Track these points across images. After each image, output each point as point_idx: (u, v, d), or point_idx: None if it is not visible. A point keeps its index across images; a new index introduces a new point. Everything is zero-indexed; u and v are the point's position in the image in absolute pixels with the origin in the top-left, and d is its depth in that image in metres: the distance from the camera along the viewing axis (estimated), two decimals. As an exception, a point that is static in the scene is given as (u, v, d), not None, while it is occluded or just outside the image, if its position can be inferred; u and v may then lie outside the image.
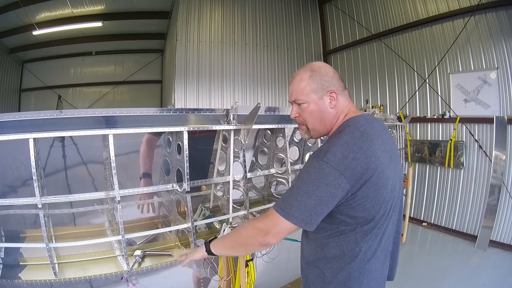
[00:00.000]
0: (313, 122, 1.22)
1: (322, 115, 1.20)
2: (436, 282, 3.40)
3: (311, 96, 1.18)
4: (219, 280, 2.06)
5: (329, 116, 1.20)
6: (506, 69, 4.29)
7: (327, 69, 1.21)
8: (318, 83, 1.17)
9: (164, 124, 1.93)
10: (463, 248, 4.41)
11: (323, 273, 1.17)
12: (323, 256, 1.17)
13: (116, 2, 7.85)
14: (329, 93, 1.18)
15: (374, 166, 1.06)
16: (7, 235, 1.99)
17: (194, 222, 2.01)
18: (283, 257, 2.45)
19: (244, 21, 7.01)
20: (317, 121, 1.21)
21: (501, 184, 4.27)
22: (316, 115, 1.20)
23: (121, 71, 10.65)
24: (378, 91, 6.33)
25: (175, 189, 2.17)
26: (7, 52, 9.17)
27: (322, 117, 1.20)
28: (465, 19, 4.69)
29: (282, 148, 2.77)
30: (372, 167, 1.05)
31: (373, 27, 6.31)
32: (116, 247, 2.05)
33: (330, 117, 1.20)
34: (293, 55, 7.46)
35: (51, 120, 1.64)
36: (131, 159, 2.40)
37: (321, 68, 1.19)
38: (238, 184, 2.35)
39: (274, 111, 2.42)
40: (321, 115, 1.20)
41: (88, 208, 2.23)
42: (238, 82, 6.88)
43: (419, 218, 5.39)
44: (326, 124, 1.22)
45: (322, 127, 1.23)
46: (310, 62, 1.26)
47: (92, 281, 1.76)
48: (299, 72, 1.22)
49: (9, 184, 1.99)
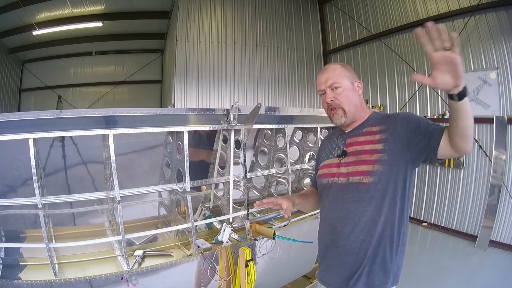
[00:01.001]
0: (349, 104, 1.36)
1: (355, 98, 1.38)
2: (436, 282, 3.39)
3: (345, 81, 1.37)
4: (219, 280, 2.06)
5: (359, 101, 1.39)
6: (506, 69, 4.29)
7: (350, 67, 1.45)
8: (349, 72, 1.40)
9: (164, 124, 1.93)
10: (463, 248, 4.41)
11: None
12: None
13: (116, 2, 7.85)
14: (357, 82, 1.40)
15: None
16: (7, 235, 1.99)
17: (194, 222, 2.01)
18: (283, 257, 2.46)
19: (244, 21, 7.00)
20: (352, 104, 1.37)
21: (501, 184, 4.27)
22: (351, 97, 1.37)
23: (121, 71, 10.65)
24: (378, 91, 6.33)
25: (175, 189, 2.17)
26: (7, 52, 9.17)
27: (355, 100, 1.38)
28: (465, 19, 4.69)
29: (282, 148, 2.77)
30: None
31: (373, 27, 6.31)
32: (116, 247, 2.05)
33: (360, 103, 1.40)
34: (293, 55, 7.46)
35: (51, 120, 1.64)
36: (131, 159, 2.40)
37: (346, 65, 1.44)
38: (238, 184, 2.35)
39: (274, 111, 2.42)
40: (354, 98, 1.38)
41: (88, 208, 2.23)
42: (238, 82, 6.87)
43: (419, 218, 5.39)
44: (358, 108, 1.38)
45: (355, 110, 1.38)
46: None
47: (92, 281, 1.76)
48: (328, 65, 1.46)
49: (9, 184, 1.99)
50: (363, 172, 1.27)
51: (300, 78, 7.50)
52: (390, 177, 1.25)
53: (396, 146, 1.24)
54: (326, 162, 1.44)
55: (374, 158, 1.26)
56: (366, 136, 1.33)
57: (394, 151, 1.24)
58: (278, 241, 2.26)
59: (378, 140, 1.28)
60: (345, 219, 1.30)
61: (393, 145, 1.25)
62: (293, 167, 3.02)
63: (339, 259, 1.33)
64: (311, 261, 2.90)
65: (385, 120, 1.33)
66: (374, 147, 1.28)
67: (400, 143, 1.24)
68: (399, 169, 1.25)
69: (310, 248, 2.25)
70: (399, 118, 1.28)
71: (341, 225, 1.31)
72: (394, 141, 1.25)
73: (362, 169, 1.27)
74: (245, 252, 1.97)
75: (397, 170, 1.25)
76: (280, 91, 7.29)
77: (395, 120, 1.28)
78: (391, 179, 1.25)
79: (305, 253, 2.72)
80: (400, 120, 1.26)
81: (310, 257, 2.85)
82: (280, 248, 2.33)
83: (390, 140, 1.26)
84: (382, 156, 1.25)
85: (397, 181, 1.25)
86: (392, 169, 1.24)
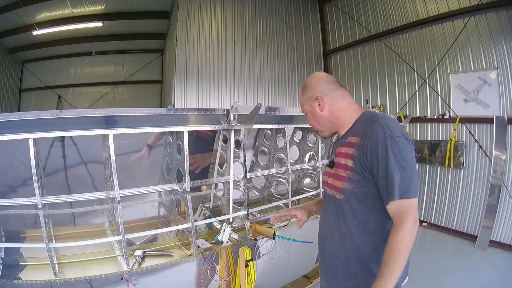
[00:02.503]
0: (318, 125, 1.42)
1: (319, 117, 1.40)
2: (436, 282, 3.39)
3: (305, 107, 1.43)
4: (219, 280, 2.06)
5: (327, 115, 1.38)
6: (506, 69, 4.29)
7: (311, 79, 1.42)
8: (306, 95, 1.41)
9: (164, 124, 1.93)
10: (463, 248, 4.41)
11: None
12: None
13: (116, 2, 7.85)
14: (313, 100, 1.38)
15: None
16: (7, 235, 1.99)
17: (194, 222, 2.01)
18: (283, 257, 2.46)
19: (244, 21, 7.00)
20: (320, 123, 1.41)
21: (501, 184, 4.27)
22: (314, 119, 1.42)
23: (121, 71, 10.65)
24: (378, 91, 6.33)
25: (175, 189, 2.17)
26: (7, 52, 9.17)
27: (321, 119, 1.40)
28: (465, 19, 4.69)
29: (282, 148, 2.77)
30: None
31: (373, 27, 6.31)
32: (116, 247, 2.05)
33: (329, 115, 1.38)
34: (293, 55, 7.46)
35: (51, 120, 1.64)
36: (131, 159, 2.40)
37: (307, 81, 1.43)
38: (238, 184, 2.35)
39: (274, 111, 2.42)
40: (319, 117, 1.40)
41: (88, 208, 2.23)
42: (238, 82, 6.87)
43: (419, 218, 5.38)
44: (331, 121, 1.38)
45: (329, 124, 1.40)
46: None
47: (92, 281, 1.76)
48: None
49: (9, 184, 1.99)
50: (336, 187, 1.30)
51: (300, 78, 7.49)
52: (362, 196, 1.23)
53: (364, 170, 1.21)
54: (326, 169, 1.46)
55: (345, 175, 1.27)
56: (346, 147, 1.29)
57: (363, 172, 1.21)
58: (278, 241, 2.26)
59: (351, 156, 1.25)
60: (327, 229, 1.38)
61: (363, 167, 1.21)
62: (293, 167, 3.02)
63: (326, 266, 1.40)
64: (311, 261, 2.90)
65: (363, 131, 1.25)
66: (346, 162, 1.26)
67: (368, 170, 1.21)
68: (368, 188, 1.22)
69: (310, 248, 2.25)
70: (375, 153, 1.17)
71: (325, 235, 1.39)
72: (362, 164, 1.21)
73: (337, 184, 1.30)
74: (245, 252, 1.97)
75: (367, 189, 1.22)
76: (280, 91, 7.28)
77: (369, 145, 1.19)
78: (360, 197, 1.24)
79: (305, 253, 2.72)
80: (374, 153, 1.17)
81: (310, 257, 2.85)
82: (280, 248, 2.33)
83: (360, 160, 1.21)
84: (351, 175, 1.24)
85: (367, 198, 1.23)
86: (363, 189, 1.23)
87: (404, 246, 1.11)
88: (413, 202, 1.15)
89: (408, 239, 1.11)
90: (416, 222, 1.14)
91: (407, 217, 1.13)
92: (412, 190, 1.14)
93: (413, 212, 1.14)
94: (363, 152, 1.20)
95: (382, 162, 1.16)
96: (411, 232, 1.12)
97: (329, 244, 1.35)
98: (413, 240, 1.13)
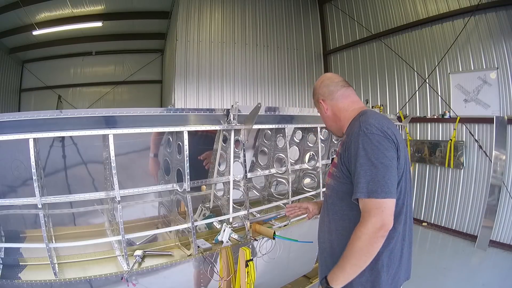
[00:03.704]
0: (327, 125, 1.54)
1: (326, 118, 1.51)
2: (436, 282, 3.39)
3: (317, 107, 1.53)
4: (219, 280, 2.06)
5: (332, 116, 1.46)
6: (506, 69, 4.29)
7: (316, 82, 1.51)
8: (314, 98, 1.53)
9: (164, 124, 1.93)
10: (463, 248, 4.41)
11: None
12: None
13: (116, 2, 7.85)
14: (319, 102, 1.48)
15: (400, 139, 1.22)
16: (7, 235, 1.99)
17: (194, 222, 2.01)
18: (283, 257, 2.46)
19: (244, 21, 7.00)
20: (328, 123, 1.52)
21: (501, 184, 4.27)
22: (324, 120, 1.53)
23: (121, 71, 10.65)
24: (378, 91, 6.33)
25: (175, 189, 2.17)
26: (7, 52, 9.17)
27: (327, 120, 1.50)
28: (465, 19, 4.69)
29: (282, 148, 2.77)
30: (399, 139, 1.21)
31: (373, 27, 6.31)
32: (116, 247, 2.05)
33: (333, 116, 1.46)
34: (293, 55, 7.46)
35: (51, 120, 1.64)
36: (131, 159, 2.40)
37: (314, 85, 1.53)
38: (238, 184, 2.35)
39: (274, 111, 2.42)
40: (325, 118, 1.51)
41: (88, 208, 2.23)
42: (238, 82, 6.87)
43: (419, 218, 5.39)
44: (336, 122, 1.45)
45: (335, 125, 1.48)
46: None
47: (92, 281, 1.76)
48: None
49: (9, 184, 1.99)
50: (326, 184, 1.41)
51: (300, 78, 7.50)
52: (339, 192, 1.29)
53: (343, 166, 1.26)
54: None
55: (331, 172, 1.36)
56: (340, 146, 1.36)
57: (343, 169, 1.26)
58: (278, 241, 2.26)
59: (338, 153, 1.33)
60: (320, 225, 1.46)
61: (344, 163, 1.26)
62: (293, 167, 3.02)
63: (320, 262, 1.46)
64: (311, 261, 2.90)
65: (350, 129, 1.31)
66: (335, 159, 1.35)
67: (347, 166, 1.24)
68: (346, 185, 1.25)
69: (310, 248, 2.25)
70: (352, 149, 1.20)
71: (318, 230, 1.47)
72: (343, 161, 1.26)
73: (327, 180, 1.41)
74: (245, 252, 1.97)
75: (345, 186, 1.25)
76: (280, 91, 7.29)
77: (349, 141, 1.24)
78: (340, 194, 1.29)
79: (305, 253, 2.72)
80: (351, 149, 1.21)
81: (310, 257, 2.85)
82: (280, 248, 2.33)
83: (342, 157, 1.27)
84: (335, 171, 1.31)
85: (346, 196, 1.25)
86: (340, 185, 1.28)
87: (358, 247, 1.09)
88: (381, 202, 1.09)
89: (364, 241, 1.08)
90: (381, 225, 1.08)
91: (369, 217, 1.10)
92: (382, 190, 1.09)
93: (378, 214, 1.08)
94: (345, 149, 1.25)
95: (353, 159, 1.17)
96: (370, 234, 1.08)
97: (320, 239, 1.44)
98: (373, 244, 1.08)
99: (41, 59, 9.94)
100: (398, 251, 1.24)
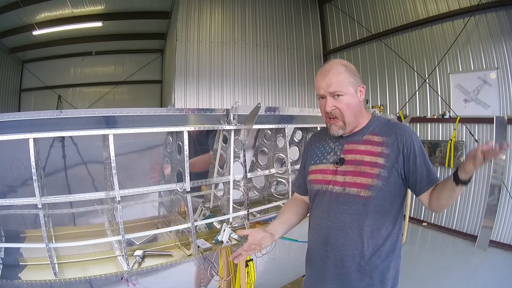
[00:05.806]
0: (350, 115, 1.26)
1: (356, 108, 1.26)
2: (436, 282, 3.39)
3: (349, 89, 1.24)
4: (219, 280, 2.06)
5: (359, 108, 1.28)
6: (506, 69, 4.29)
7: (353, 66, 1.29)
8: (353, 77, 1.25)
9: (164, 124, 1.93)
10: (463, 248, 4.41)
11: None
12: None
13: (116, 2, 7.84)
14: (359, 87, 1.27)
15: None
16: (7, 235, 1.99)
17: (194, 222, 2.01)
18: (283, 257, 2.45)
19: (244, 21, 7.00)
20: (352, 113, 1.26)
21: (501, 184, 4.27)
22: (352, 107, 1.25)
23: (121, 71, 10.65)
24: (378, 91, 6.33)
25: (175, 189, 2.17)
26: (7, 52, 9.16)
27: (356, 110, 1.27)
28: (465, 19, 4.69)
29: (282, 148, 2.76)
30: None
31: (373, 27, 6.31)
32: (116, 247, 2.05)
33: (359, 109, 1.28)
34: (293, 55, 7.45)
35: (51, 120, 1.64)
36: (131, 159, 2.40)
37: (350, 65, 1.28)
38: (238, 184, 2.35)
39: (274, 111, 2.42)
40: (355, 108, 1.26)
41: (88, 208, 2.23)
42: (238, 82, 6.87)
43: (419, 218, 5.39)
44: (357, 116, 1.28)
45: (355, 120, 1.28)
46: (334, 59, 1.37)
47: (92, 281, 1.76)
48: (331, 66, 1.27)
49: (9, 184, 1.99)
50: (361, 185, 1.22)
51: (300, 78, 7.50)
52: (388, 193, 1.23)
53: (396, 166, 1.22)
54: (319, 166, 1.36)
55: (374, 172, 1.21)
56: (367, 145, 1.26)
57: (393, 170, 1.22)
58: (278, 241, 2.25)
59: (380, 154, 1.23)
60: (340, 230, 1.26)
61: (394, 164, 1.22)
62: (293, 167, 3.02)
63: (331, 270, 1.30)
64: (311, 261, 2.89)
65: (388, 131, 1.26)
66: (375, 159, 1.23)
67: (400, 166, 1.22)
68: (396, 186, 1.24)
69: (310, 248, 2.25)
70: (412, 146, 1.21)
71: (334, 237, 1.27)
72: (395, 160, 1.22)
73: (361, 181, 1.22)
74: (245, 252, 1.96)
75: (395, 187, 1.24)
76: (280, 91, 7.28)
77: (404, 140, 1.22)
78: (388, 195, 1.23)
79: (305, 253, 2.71)
80: (410, 147, 1.21)
81: (310, 257, 2.85)
82: (280, 248, 2.33)
83: (392, 157, 1.22)
84: (383, 172, 1.21)
85: (394, 197, 1.25)
86: (390, 186, 1.22)
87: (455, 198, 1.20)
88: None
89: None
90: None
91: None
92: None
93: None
94: (398, 148, 1.22)
95: (418, 156, 1.22)
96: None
97: (342, 246, 1.26)
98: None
99: (41, 59, 9.93)
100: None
